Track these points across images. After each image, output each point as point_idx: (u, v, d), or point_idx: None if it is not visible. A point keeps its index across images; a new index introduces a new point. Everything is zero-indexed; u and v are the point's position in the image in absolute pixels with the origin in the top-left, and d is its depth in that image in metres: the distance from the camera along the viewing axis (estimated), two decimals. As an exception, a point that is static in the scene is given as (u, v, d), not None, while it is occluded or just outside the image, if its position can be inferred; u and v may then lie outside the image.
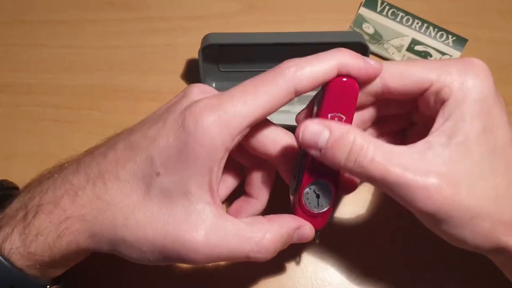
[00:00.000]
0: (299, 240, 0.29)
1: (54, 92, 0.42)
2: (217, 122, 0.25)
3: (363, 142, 0.25)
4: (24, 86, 0.42)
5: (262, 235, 0.26)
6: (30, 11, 0.45)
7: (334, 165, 0.26)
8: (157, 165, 0.26)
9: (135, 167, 0.26)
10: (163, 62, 0.43)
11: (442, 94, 0.26)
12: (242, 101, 0.25)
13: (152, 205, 0.26)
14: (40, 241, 0.26)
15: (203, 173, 0.25)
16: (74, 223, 0.26)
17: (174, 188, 0.25)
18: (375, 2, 0.44)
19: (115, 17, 0.45)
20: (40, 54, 0.43)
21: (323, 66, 0.26)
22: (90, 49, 0.43)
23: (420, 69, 0.27)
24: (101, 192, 0.26)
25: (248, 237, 0.26)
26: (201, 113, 0.25)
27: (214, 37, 0.37)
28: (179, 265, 0.35)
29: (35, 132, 0.40)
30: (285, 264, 0.35)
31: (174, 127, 0.26)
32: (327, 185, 0.28)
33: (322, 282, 0.35)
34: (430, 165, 0.25)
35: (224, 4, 0.45)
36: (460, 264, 0.35)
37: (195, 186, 0.25)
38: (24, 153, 0.39)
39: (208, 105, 0.25)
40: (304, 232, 0.29)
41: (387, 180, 0.25)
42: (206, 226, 0.25)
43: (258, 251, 0.26)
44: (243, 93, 0.26)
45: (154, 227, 0.25)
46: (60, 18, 0.44)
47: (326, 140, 0.25)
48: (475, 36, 0.43)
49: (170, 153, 0.25)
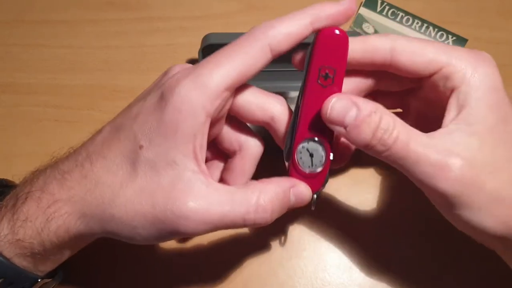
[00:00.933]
0: (296, 201, 0.28)
1: (54, 92, 0.42)
2: (193, 86, 0.25)
3: (389, 121, 0.25)
4: (24, 86, 0.42)
5: (257, 196, 0.26)
6: (30, 11, 0.45)
7: (358, 143, 0.26)
8: (139, 139, 0.25)
9: (120, 146, 0.26)
10: (163, 62, 0.43)
11: (453, 80, 0.26)
12: (216, 64, 0.25)
13: (139, 179, 0.25)
14: (29, 227, 0.26)
15: (186, 140, 0.25)
16: (62, 206, 0.26)
17: (158, 160, 0.25)
18: (375, 2, 0.44)
19: (115, 17, 0.44)
20: (40, 54, 0.43)
21: (295, 22, 0.26)
22: (90, 49, 0.43)
23: (432, 50, 0.27)
24: (88, 172, 0.26)
25: (242, 199, 0.26)
26: (177, 82, 0.25)
27: (214, 37, 0.37)
28: (174, 255, 0.35)
29: (35, 132, 0.40)
30: (285, 264, 0.35)
31: (153, 101, 0.26)
32: (321, 144, 0.28)
33: (322, 282, 0.35)
34: (451, 148, 0.25)
35: (224, 4, 0.45)
36: (465, 265, 0.35)
37: (179, 154, 0.25)
38: (24, 153, 0.39)
39: (183, 74, 0.26)
40: (300, 191, 0.28)
41: (408, 159, 0.25)
42: (195, 193, 0.25)
43: (254, 211, 0.26)
44: (217, 57, 0.26)
45: (143, 200, 0.25)
46: (60, 18, 0.44)
47: (354, 118, 0.25)
48: (475, 36, 0.43)
49: (151, 125, 0.25)
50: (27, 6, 0.45)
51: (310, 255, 0.36)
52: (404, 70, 0.27)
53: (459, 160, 0.25)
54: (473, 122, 0.26)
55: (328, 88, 0.27)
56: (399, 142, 0.25)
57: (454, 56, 0.26)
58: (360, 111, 0.25)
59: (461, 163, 0.25)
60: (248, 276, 0.35)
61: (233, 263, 0.35)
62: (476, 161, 0.25)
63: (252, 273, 0.35)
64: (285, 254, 0.36)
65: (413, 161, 0.25)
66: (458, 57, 0.26)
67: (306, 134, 0.28)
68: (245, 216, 0.26)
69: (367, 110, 0.25)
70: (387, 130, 0.25)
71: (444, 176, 0.25)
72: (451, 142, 0.25)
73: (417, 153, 0.25)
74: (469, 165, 0.25)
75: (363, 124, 0.25)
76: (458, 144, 0.25)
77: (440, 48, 0.27)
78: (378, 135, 0.25)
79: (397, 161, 0.26)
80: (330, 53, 0.26)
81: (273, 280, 0.35)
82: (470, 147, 0.25)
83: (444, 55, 0.26)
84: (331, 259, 0.35)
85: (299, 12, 0.26)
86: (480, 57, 0.26)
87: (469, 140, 0.25)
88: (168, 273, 0.35)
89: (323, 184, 0.29)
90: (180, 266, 0.35)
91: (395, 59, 0.27)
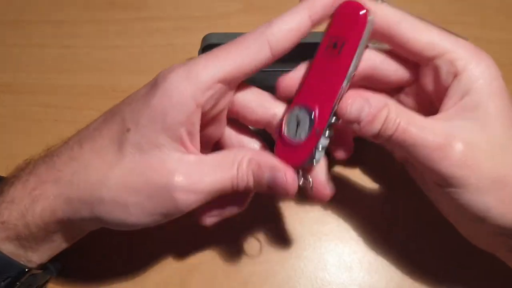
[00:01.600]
0: (271, 178, 0.26)
1: (54, 92, 0.42)
2: (185, 76, 0.25)
3: (394, 111, 0.26)
4: (24, 86, 0.42)
5: (242, 156, 0.26)
6: (30, 11, 0.45)
7: (368, 135, 0.26)
8: (127, 122, 0.26)
9: (110, 130, 0.26)
10: (163, 62, 0.42)
11: (455, 66, 0.26)
12: (212, 57, 0.26)
13: (127, 161, 0.25)
14: (14, 209, 0.26)
15: (174, 127, 0.25)
16: (49, 188, 0.26)
17: (145, 142, 0.25)
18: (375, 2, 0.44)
19: (115, 17, 0.45)
20: (40, 54, 0.43)
21: (293, 17, 0.26)
22: (90, 49, 0.43)
23: (437, 34, 0.27)
24: (76, 155, 0.26)
25: (228, 164, 0.26)
26: (170, 71, 0.26)
27: (214, 37, 0.37)
28: (173, 254, 0.35)
29: (35, 132, 0.40)
30: (285, 264, 0.35)
31: (147, 88, 0.26)
32: (309, 115, 0.27)
33: (322, 282, 0.35)
34: (451, 131, 0.26)
35: (224, 4, 0.45)
36: (469, 264, 0.35)
37: (167, 138, 0.25)
38: (24, 153, 0.39)
39: (178, 65, 0.26)
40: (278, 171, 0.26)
41: (409, 142, 0.26)
42: (186, 167, 0.25)
43: (241, 175, 0.26)
44: (214, 52, 0.26)
45: (134, 179, 0.25)
46: (60, 18, 0.44)
47: (367, 115, 0.26)
48: (475, 36, 0.42)
49: (140, 109, 0.25)
50: (27, 6, 0.45)
51: (310, 255, 0.36)
52: (408, 47, 0.27)
53: (459, 142, 0.25)
54: (474, 108, 0.26)
55: (335, 58, 0.26)
56: (400, 128, 0.26)
57: (457, 44, 0.27)
58: (372, 108, 0.26)
59: (461, 145, 0.25)
60: (248, 275, 0.35)
61: (233, 263, 0.35)
62: (476, 144, 0.25)
63: (252, 273, 0.35)
64: (285, 254, 0.36)
65: (413, 143, 0.26)
66: (463, 47, 0.27)
67: (301, 100, 0.27)
68: (233, 181, 0.26)
69: (378, 107, 0.26)
70: (392, 119, 0.26)
71: (443, 158, 0.25)
72: (451, 125, 0.26)
73: (416, 136, 0.25)
74: (468, 147, 0.25)
75: (375, 120, 0.26)
76: (458, 127, 0.26)
77: (444, 34, 0.27)
78: (385, 126, 0.26)
79: (400, 145, 0.26)
80: (344, 23, 0.26)
81: (273, 280, 0.35)
82: (470, 130, 0.26)
83: (449, 41, 0.27)
84: (331, 259, 0.35)
85: (296, 7, 0.26)
86: (480, 50, 0.27)
87: (469, 125, 0.26)
88: (168, 272, 0.35)
89: (307, 159, 0.27)
90: (180, 266, 0.35)
91: (400, 32, 0.27)
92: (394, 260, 0.35)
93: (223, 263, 0.35)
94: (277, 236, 0.36)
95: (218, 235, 0.36)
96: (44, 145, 0.39)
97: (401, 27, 0.27)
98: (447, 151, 0.25)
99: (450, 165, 0.25)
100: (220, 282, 0.35)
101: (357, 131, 0.26)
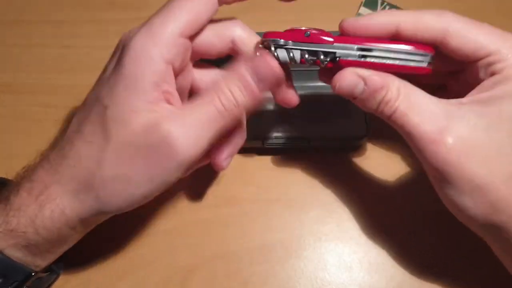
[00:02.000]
0: (260, 72, 0.27)
1: (54, 92, 0.42)
2: (145, 35, 0.25)
3: (393, 94, 0.26)
4: (24, 86, 0.42)
5: (219, 84, 0.26)
6: (30, 11, 0.45)
7: (365, 109, 0.28)
8: (104, 100, 0.26)
9: (89, 115, 0.26)
10: (163, 62, 0.42)
11: (494, 67, 0.26)
12: (167, 14, 0.26)
13: (114, 137, 0.25)
14: (22, 216, 0.26)
15: (149, 89, 0.25)
16: (53, 190, 0.26)
17: (125, 112, 0.25)
18: (375, 2, 0.44)
19: (115, 17, 0.44)
20: (40, 54, 0.43)
21: None
22: (90, 49, 0.43)
23: (485, 35, 0.26)
24: (68, 152, 0.26)
25: (209, 95, 0.26)
26: (131, 36, 0.26)
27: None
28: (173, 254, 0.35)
29: (35, 132, 0.40)
30: (285, 264, 0.35)
31: (112, 62, 0.27)
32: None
33: (322, 282, 0.35)
34: (451, 124, 0.25)
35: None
36: (471, 264, 0.35)
37: (144, 102, 0.25)
38: (24, 153, 0.39)
39: (136, 29, 0.26)
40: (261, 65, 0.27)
41: (404, 128, 0.26)
42: (172, 117, 0.25)
43: (225, 94, 0.26)
44: (167, 7, 0.27)
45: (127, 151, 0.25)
46: (60, 18, 0.44)
47: (361, 91, 0.27)
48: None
49: (112, 84, 0.25)
50: (27, 6, 0.45)
51: (310, 255, 0.36)
52: (452, 52, 0.27)
53: (451, 138, 0.25)
54: (490, 106, 0.26)
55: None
56: (398, 112, 0.26)
57: (503, 44, 0.26)
58: (367, 87, 0.26)
59: (451, 141, 0.25)
60: (248, 275, 0.35)
61: (233, 263, 0.35)
62: (473, 142, 0.25)
63: (252, 273, 0.35)
64: (285, 254, 0.36)
65: (409, 131, 0.26)
66: (506, 46, 0.26)
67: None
68: (220, 111, 0.26)
69: (374, 86, 0.26)
70: (389, 102, 0.26)
71: (431, 150, 0.25)
72: (456, 116, 0.26)
73: (413, 124, 0.26)
74: (460, 145, 0.25)
75: (369, 98, 0.27)
76: (462, 120, 0.26)
77: (494, 34, 0.27)
78: (381, 106, 0.27)
79: (398, 128, 0.27)
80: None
81: (273, 280, 0.35)
82: (474, 126, 0.25)
83: (496, 43, 0.26)
84: (331, 259, 0.35)
85: None
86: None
87: (476, 120, 0.25)
88: (168, 272, 0.35)
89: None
90: (180, 266, 0.35)
91: (446, 41, 0.27)
92: (394, 260, 0.35)
93: (223, 263, 0.35)
94: (277, 236, 0.36)
95: (218, 235, 0.36)
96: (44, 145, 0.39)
97: (445, 37, 0.27)
98: (437, 145, 0.25)
99: (437, 160, 0.25)
100: (220, 282, 0.35)
101: (355, 102, 0.27)
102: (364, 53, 0.27)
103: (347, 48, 0.27)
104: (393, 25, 0.27)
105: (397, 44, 0.27)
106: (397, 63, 0.27)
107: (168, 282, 0.35)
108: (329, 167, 0.38)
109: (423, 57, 0.27)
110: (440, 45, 0.27)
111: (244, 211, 0.37)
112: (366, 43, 0.27)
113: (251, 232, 0.36)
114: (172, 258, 0.35)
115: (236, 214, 0.37)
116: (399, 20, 0.27)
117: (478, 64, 0.27)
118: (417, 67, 0.27)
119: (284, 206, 0.37)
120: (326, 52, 0.27)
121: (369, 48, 0.27)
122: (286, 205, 0.37)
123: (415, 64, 0.27)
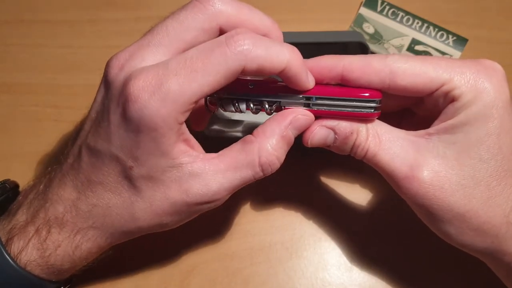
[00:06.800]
0: (298, 126, 0.27)
1: (54, 92, 0.42)
2: (162, 105, 0.24)
3: (363, 138, 0.27)
4: (24, 86, 0.42)
5: (258, 153, 0.26)
6: (30, 11, 0.45)
7: (340, 153, 0.29)
8: (124, 161, 0.26)
9: (109, 169, 0.26)
10: (163, 62, 0.42)
11: (452, 94, 0.26)
12: (189, 79, 0.24)
13: (144, 191, 0.26)
14: (59, 254, 0.28)
15: (170, 149, 0.25)
16: (86, 232, 0.28)
17: (153, 171, 0.26)
18: (375, 2, 0.44)
19: (115, 17, 0.44)
20: (40, 54, 0.43)
21: (274, 59, 0.25)
22: (90, 49, 0.43)
23: (433, 68, 0.26)
24: (94, 200, 0.27)
25: (246, 162, 0.26)
26: (142, 100, 0.24)
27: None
28: (172, 254, 0.35)
29: (35, 132, 0.40)
30: (285, 264, 0.35)
31: (119, 120, 0.25)
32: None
33: (322, 282, 0.35)
34: (422, 157, 0.26)
35: (224, 4, 0.45)
36: (471, 267, 0.35)
37: (169, 160, 0.26)
38: (24, 153, 0.39)
39: (146, 89, 0.24)
40: (299, 118, 0.27)
41: (378, 167, 0.28)
42: (203, 177, 0.26)
43: (261, 170, 0.27)
44: (191, 71, 0.24)
45: (160, 204, 0.26)
46: (60, 18, 0.44)
47: (333, 141, 0.28)
48: (475, 36, 0.43)
49: (131, 147, 0.25)
50: (27, 6, 0.45)
51: (311, 255, 0.36)
52: (404, 92, 0.27)
53: (423, 172, 0.26)
54: (455, 132, 0.26)
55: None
56: (370, 153, 0.27)
57: (455, 72, 0.26)
58: (338, 136, 0.27)
59: (423, 176, 0.26)
60: (248, 275, 0.35)
61: (233, 263, 0.35)
62: (446, 173, 0.26)
63: (252, 273, 0.35)
64: (285, 254, 0.36)
65: (382, 169, 0.27)
66: (460, 73, 0.26)
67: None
68: (255, 176, 0.27)
69: (344, 134, 0.27)
70: (360, 144, 0.27)
71: (405, 186, 0.26)
72: (426, 148, 0.26)
73: (384, 163, 0.27)
74: (432, 178, 0.26)
75: (342, 145, 0.28)
76: (432, 151, 0.26)
77: (441, 65, 0.26)
78: (354, 149, 0.28)
79: (375, 167, 0.28)
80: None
81: (273, 280, 0.35)
82: (445, 157, 0.26)
83: (446, 72, 0.26)
84: (331, 259, 0.35)
85: (282, 49, 0.25)
86: (483, 69, 0.26)
87: (446, 150, 0.26)
88: (168, 272, 0.35)
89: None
90: (180, 266, 0.35)
91: (394, 82, 0.26)
92: (394, 260, 0.35)
93: (223, 263, 0.35)
94: (277, 236, 0.36)
95: (218, 235, 0.36)
96: (44, 145, 0.39)
97: (393, 78, 0.26)
98: (413, 181, 0.26)
99: (414, 194, 0.26)
100: (220, 282, 0.35)
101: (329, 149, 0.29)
102: (310, 102, 0.27)
103: (291, 97, 0.27)
104: (339, 68, 0.27)
105: (343, 92, 0.27)
106: (344, 110, 0.27)
107: (168, 282, 0.35)
108: (330, 167, 0.38)
109: (369, 103, 0.27)
110: (390, 86, 0.27)
111: (244, 211, 0.37)
112: (311, 91, 0.27)
113: (251, 232, 0.36)
114: (172, 258, 0.35)
115: (236, 214, 0.37)
116: (344, 63, 0.27)
117: (434, 95, 0.26)
118: (364, 113, 0.27)
119: (284, 206, 0.37)
120: (271, 101, 0.28)
121: (313, 97, 0.27)
122: (286, 205, 0.37)
123: (361, 111, 0.27)
